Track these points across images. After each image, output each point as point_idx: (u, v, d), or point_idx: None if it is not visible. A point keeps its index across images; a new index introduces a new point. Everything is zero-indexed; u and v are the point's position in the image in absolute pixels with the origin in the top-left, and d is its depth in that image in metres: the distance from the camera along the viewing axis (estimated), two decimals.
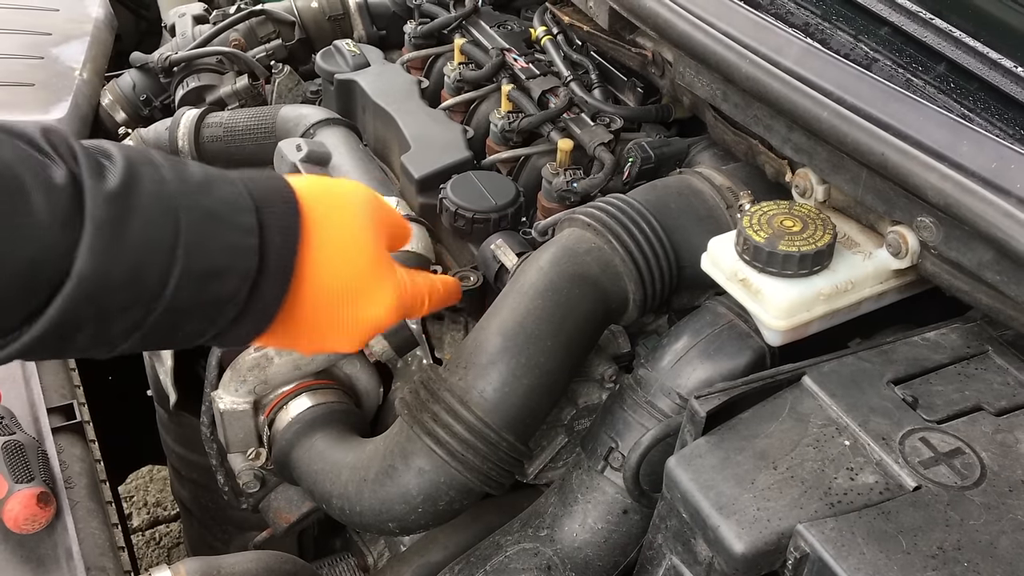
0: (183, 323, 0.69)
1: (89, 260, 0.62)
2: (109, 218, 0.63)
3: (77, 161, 0.64)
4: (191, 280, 0.67)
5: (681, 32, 1.00)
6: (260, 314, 0.74)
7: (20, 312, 0.62)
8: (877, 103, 0.84)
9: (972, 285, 0.84)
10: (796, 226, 0.88)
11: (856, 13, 1.01)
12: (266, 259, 0.71)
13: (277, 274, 0.73)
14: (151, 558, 2.36)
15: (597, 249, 0.98)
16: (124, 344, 0.68)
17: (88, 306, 0.63)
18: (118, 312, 0.65)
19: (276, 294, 0.74)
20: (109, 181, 0.64)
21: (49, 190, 0.61)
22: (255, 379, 1.10)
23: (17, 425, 1.04)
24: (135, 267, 0.64)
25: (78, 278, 0.62)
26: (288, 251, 0.74)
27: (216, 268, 0.68)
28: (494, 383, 0.91)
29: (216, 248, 0.68)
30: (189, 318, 0.69)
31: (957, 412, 0.78)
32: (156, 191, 0.66)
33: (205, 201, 0.69)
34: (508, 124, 1.28)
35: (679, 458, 0.77)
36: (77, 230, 0.62)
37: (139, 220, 0.64)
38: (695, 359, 0.94)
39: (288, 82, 1.59)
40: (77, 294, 0.62)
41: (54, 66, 1.63)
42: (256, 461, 1.14)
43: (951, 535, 0.68)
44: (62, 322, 0.63)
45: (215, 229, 0.68)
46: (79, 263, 0.62)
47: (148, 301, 0.66)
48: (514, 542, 0.97)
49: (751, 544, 0.70)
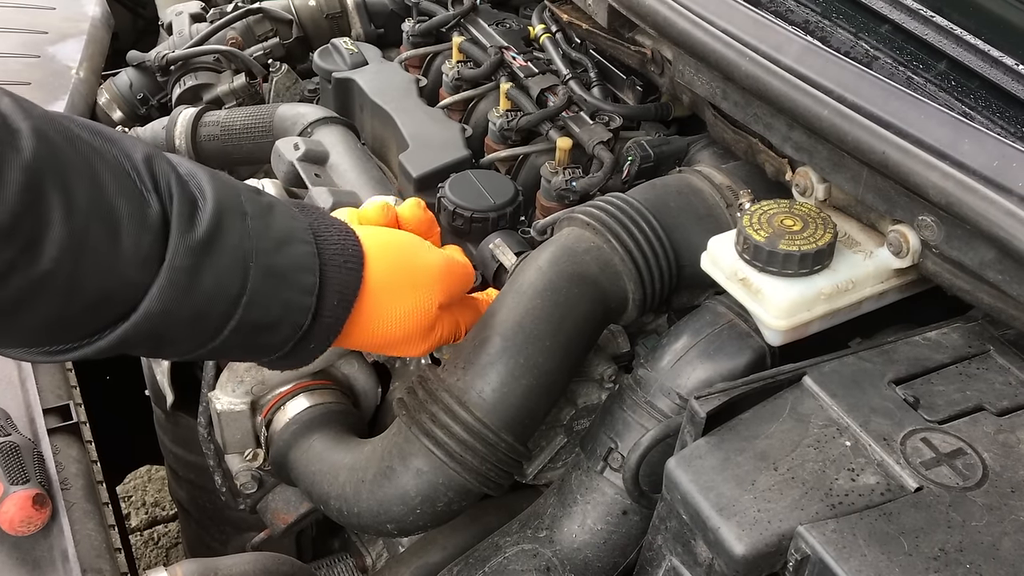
0: (227, 357, 0.76)
1: (158, 301, 0.66)
2: (186, 267, 0.67)
3: (172, 201, 0.67)
4: (245, 329, 0.71)
5: (680, 30, 1.00)
6: (300, 359, 0.79)
7: (83, 334, 0.66)
8: (878, 101, 0.84)
9: (974, 284, 0.84)
10: (796, 225, 0.88)
11: (856, 11, 1.00)
12: (319, 318, 0.76)
13: (325, 331, 0.78)
14: (149, 558, 2.35)
15: (596, 248, 0.98)
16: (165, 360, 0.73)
17: (146, 339, 0.67)
18: (170, 346, 0.70)
19: (320, 346, 0.80)
20: (196, 231, 0.67)
21: (140, 229, 0.64)
22: (252, 380, 1.09)
23: (13, 426, 1.03)
24: (198, 314, 0.68)
25: (144, 315, 0.66)
26: (342, 311, 0.78)
27: (271, 321, 0.73)
28: (492, 383, 0.90)
29: (276, 303, 0.72)
30: (233, 356, 0.75)
31: (959, 412, 0.78)
32: (236, 246, 0.70)
33: (278, 260, 0.72)
34: (507, 123, 1.28)
35: (679, 459, 0.76)
36: (154, 271, 0.65)
37: (212, 274, 0.68)
38: (695, 359, 0.93)
39: (286, 80, 1.59)
40: (139, 328, 0.66)
41: (50, 65, 1.62)
42: (253, 462, 1.13)
43: (953, 536, 0.68)
44: (116, 346, 0.67)
45: (279, 287, 0.72)
46: (147, 302, 0.65)
47: (202, 342, 0.70)
48: (513, 543, 0.96)
49: (752, 546, 0.69)
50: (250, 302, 0.70)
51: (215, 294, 0.69)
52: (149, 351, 0.71)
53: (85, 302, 0.63)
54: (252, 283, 0.70)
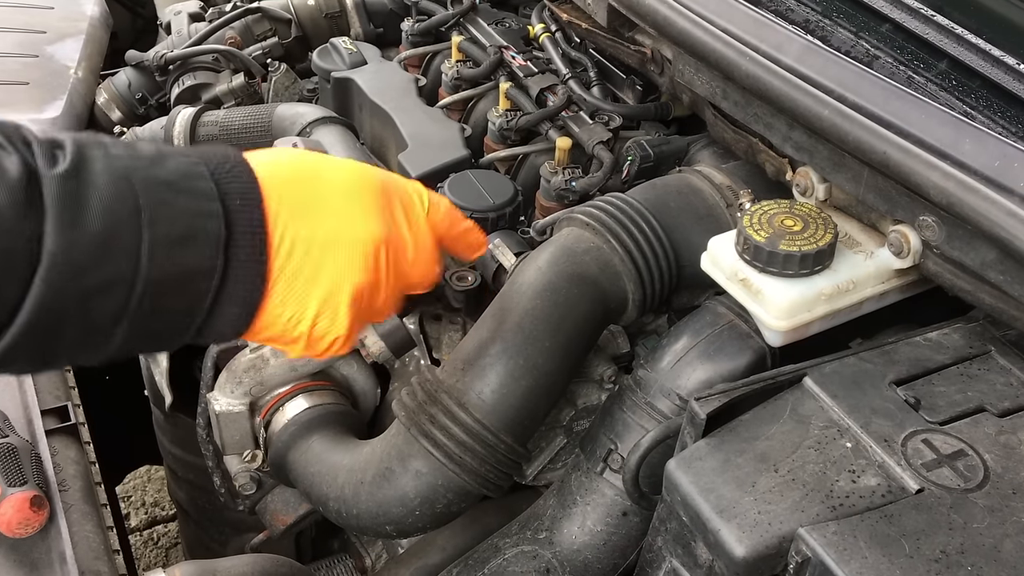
0: (166, 303, 0.67)
1: (57, 238, 0.62)
2: (65, 195, 0.63)
3: (31, 149, 0.64)
4: (161, 248, 0.66)
5: (680, 29, 1.00)
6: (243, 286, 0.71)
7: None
8: (878, 101, 0.83)
9: (975, 285, 0.83)
10: (797, 225, 0.88)
11: (857, 10, 1.00)
12: (232, 223, 0.69)
13: (247, 236, 0.70)
14: (149, 558, 2.35)
15: (596, 249, 0.97)
16: (114, 336, 0.67)
17: (67, 286, 0.63)
18: (98, 292, 0.65)
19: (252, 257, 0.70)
20: (59, 165, 0.64)
21: (4, 180, 0.61)
22: (251, 380, 1.09)
23: (10, 428, 1.03)
24: (103, 238, 0.64)
25: (50, 257, 0.62)
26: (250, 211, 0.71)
27: (183, 234, 0.67)
28: (492, 385, 0.90)
29: (178, 214, 0.67)
30: (171, 297, 0.67)
31: (960, 413, 0.78)
32: (107, 167, 0.66)
33: (158, 171, 0.68)
34: (506, 122, 1.27)
35: (679, 460, 0.76)
36: (39, 213, 0.62)
37: (95, 194, 0.64)
38: (695, 360, 0.93)
39: (284, 80, 1.58)
40: (52, 275, 0.62)
41: (49, 64, 1.62)
42: (252, 463, 1.13)
43: (954, 538, 0.68)
44: (43, 309, 0.62)
45: (174, 197, 0.67)
46: (47, 242, 0.62)
47: (125, 276, 0.65)
48: (512, 544, 0.96)
49: (752, 548, 0.69)
50: (152, 219, 0.65)
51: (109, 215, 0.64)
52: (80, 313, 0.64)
53: None
54: (144, 197, 0.66)
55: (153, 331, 0.69)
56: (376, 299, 0.78)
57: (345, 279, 0.75)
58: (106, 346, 0.68)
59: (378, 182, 0.79)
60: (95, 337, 0.67)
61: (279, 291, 0.72)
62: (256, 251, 0.71)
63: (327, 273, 0.74)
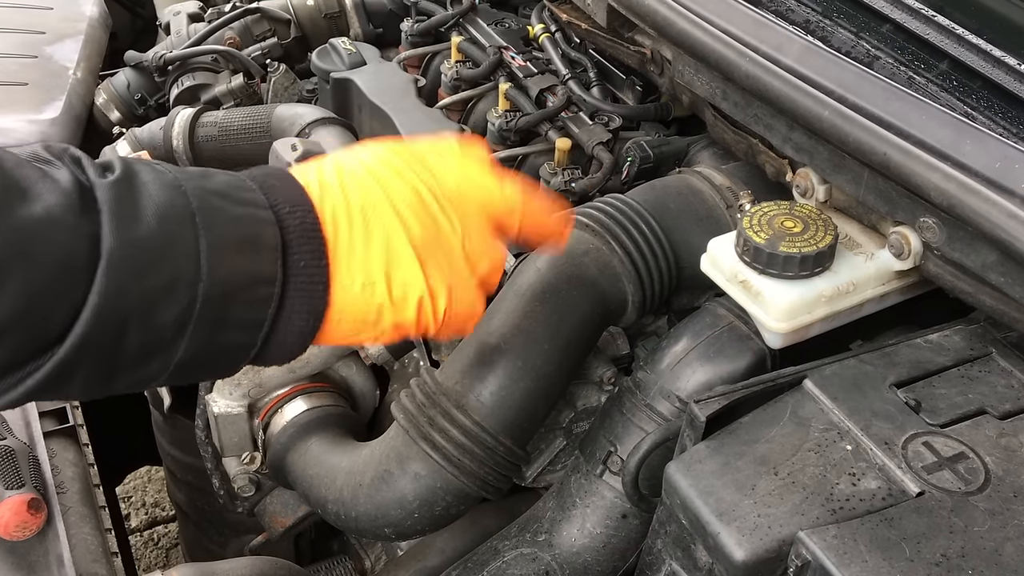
0: (230, 312, 0.66)
1: (114, 237, 0.61)
2: (119, 198, 0.63)
3: (80, 165, 0.65)
4: (220, 252, 0.65)
5: (680, 30, 0.99)
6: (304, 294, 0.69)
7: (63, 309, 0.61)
8: (879, 102, 0.83)
9: (976, 287, 0.83)
10: (797, 227, 0.87)
11: (857, 10, 1.00)
12: (285, 228, 0.69)
13: (302, 241, 0.69)
14: (149, 559, 2.35)
15: (595, 250, 0.97)
16: (176, 347, 0.65)
17: (128, 285, 0.62)
18: (161, 293, 0.63)
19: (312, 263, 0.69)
20: (109, 176, 0.64)
21: (57, 190, 0.61)
22: (249, 382, 1.09)
23: (8, 430, 1.03)
24: (161, 239, 0.64)
25: (109, 254, 0.61)
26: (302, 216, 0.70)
27: (241, 240, 0.67)
28: (491, 387, 0.89)
29: (232, 220, 0.67)
30: (235, 304, 0.66)
31: (961, 416, 0.77)
32: (155, 178, 0.66)
33: (207, 183, 0.68)
34: (506, 123, 1.27)
35: (678, 463, 0.76)
36: (95, 215, 0.62)
37: (148, 199, 0.64)
38: (695, 361, 0.93)
39: (284, 81, 1.58)
40: (113, 272, 0.61)
41: (48, 65, 1.61)
42: (251, 465, 1.13)
43: (955, 542, 0.67)
44: (106, 310, 0.61)
45: (224, 204, 0.67)
46: (105, 241, 0.61)
47: (187, 278, 0.64)
48: (512, 547, 0.96)
49: (752, 551, 0.69)
50: (207, 223, 0.65)
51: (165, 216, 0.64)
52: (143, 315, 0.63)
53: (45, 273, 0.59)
54: (196, 201, 0.65)
55: (217, 345, 0.68)
56: (446, 245, 0.75)
57: (395, 231, 0.73)
58: (168, 357, 0.66)
59: (405, 147, 0.78)
60: (159, 346, 0.65)
61: (342, 270, 0.71)
62: (314, 256, 0.70)
63: (377, 233, 0.72)
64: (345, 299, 0.71)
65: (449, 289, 0.75)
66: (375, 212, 0.73)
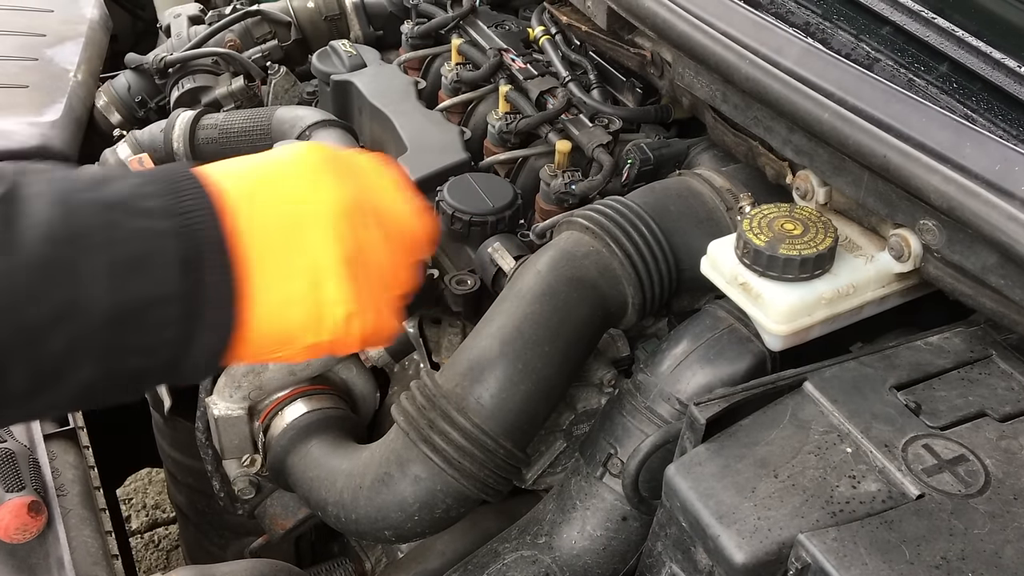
0: (127, 337, 0.61)
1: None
2: None
3: None
4: (110, 277, 0.60)
5: (680, 32, 0.99)
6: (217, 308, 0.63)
7: None
8: (879, 104, 0.83)
9: (976, 289, 0.83)
10: (797, 229, 0.87)
11: (857, 12, 1.00)
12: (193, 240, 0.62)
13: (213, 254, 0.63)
14: (150, 560, 2.35)
15: (595, 252, 0.97)
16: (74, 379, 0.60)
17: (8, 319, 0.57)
18: (49, 324, 0.58)
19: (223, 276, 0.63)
20: None
21: None
22: (250, 385, 1.09)
23: (8, 432, 1.03)
24: (40, 265, 0.58)
25: None
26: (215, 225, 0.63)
27: (132, 257, 0.60)
28: (491, 389, 0.89)
29: (125, 237, 0.61)
30: (130, 330, 0.61)
31: (961, 418, 0.77)
32: (41, 191, 0.60)
33: (101, 194, 0.62)
34: (506, 125, 1.27)
35: (678, 466, 0.76)
36: None
37: (29, 218, 0.59)
38: (695, 364, 0.93)
39: (284, 83, 1.58)
40: None
41: (48, 68, 1.61)
42: (251, 468, 1.13)
43: (955, 544, 0.67)
44: None
45: (119, 217, 0.61)
46: None
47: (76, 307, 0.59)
48: (512, 549, 0.96)
49: (752, 554, 0.69)
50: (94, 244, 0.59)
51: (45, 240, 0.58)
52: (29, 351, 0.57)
53: None
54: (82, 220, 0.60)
55: (118, 372, 0.63)
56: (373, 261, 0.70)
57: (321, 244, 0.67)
58: (64, 388, 0.61)
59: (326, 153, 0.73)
60: (53, 378, 0.60)
61: (258, 285, 0.64)
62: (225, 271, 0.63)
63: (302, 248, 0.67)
64: (262, 316, 0.65)
65: (375, 306, 0.71)
66: (299, 222, 0.67)
